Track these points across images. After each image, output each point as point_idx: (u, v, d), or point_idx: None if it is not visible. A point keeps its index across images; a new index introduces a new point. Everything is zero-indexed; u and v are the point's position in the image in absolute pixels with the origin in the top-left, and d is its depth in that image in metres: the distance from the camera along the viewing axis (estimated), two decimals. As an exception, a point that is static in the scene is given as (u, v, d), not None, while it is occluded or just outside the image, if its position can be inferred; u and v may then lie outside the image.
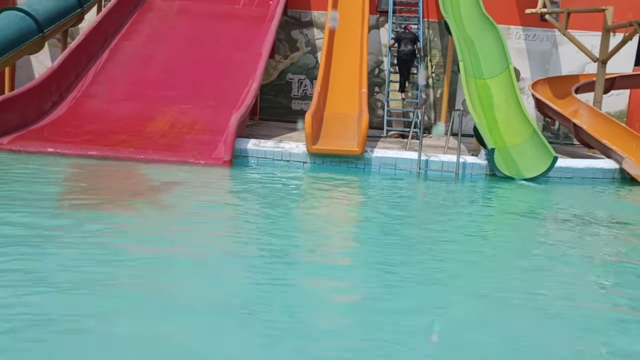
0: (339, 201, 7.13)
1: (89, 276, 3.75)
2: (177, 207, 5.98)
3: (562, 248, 5.46)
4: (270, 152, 9.08)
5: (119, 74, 10.72)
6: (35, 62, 14.04)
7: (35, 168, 7.46)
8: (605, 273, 4.88)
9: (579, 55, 12.79)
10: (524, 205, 7.78)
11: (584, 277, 4.64)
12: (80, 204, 5.79)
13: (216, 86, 10.60)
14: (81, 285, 3.60)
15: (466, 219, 6.52)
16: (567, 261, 5.05)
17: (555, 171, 9.07)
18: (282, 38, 14.34)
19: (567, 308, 3.87)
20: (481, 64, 11.34)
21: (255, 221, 5.71)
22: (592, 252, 5.44)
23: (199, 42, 11.74)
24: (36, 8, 11.09)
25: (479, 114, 10.10)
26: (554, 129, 13.77)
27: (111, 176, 7.50)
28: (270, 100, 14.44)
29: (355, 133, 9.47)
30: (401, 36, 12.76)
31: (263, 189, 7.51)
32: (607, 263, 5.18)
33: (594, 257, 5.25)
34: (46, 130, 8.99)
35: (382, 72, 14.32)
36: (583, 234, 6.07)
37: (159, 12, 12.54)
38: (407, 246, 5.12)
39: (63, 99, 9.86)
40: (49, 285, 3.55)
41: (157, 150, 8.62)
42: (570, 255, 5.25)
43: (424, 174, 8.94)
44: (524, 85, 13.54)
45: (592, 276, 4.70)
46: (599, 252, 5.49)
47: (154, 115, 9.76)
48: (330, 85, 11.25)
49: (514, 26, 14.13)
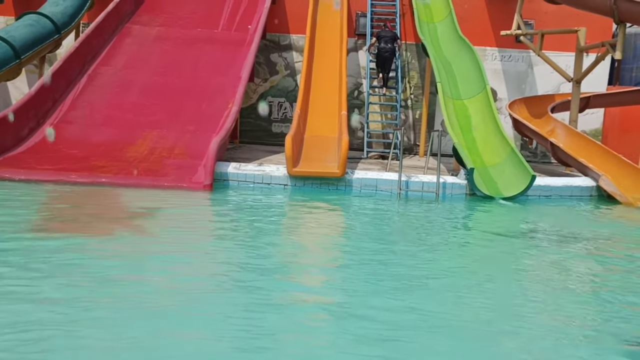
0: (319, 225, 7.12)
1: (62, 314, 3.67)
2: (156, 233, 5.92)
3: (542, 268, 5.49)
4: (250, 175, 9.05)
5: (97, 99, 10.66)
6: (12, 88, 13.91)
7: (12, 195, 7.34)
8: (585, 291, 4.91)
9: (554, 75, 13.03)
10: (504, 225, 7.83)
11: (567, 299, 4.66)
12: (57, 230, 5.70)
13: (196, 110, 10.59)
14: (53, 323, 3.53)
15: (446, 241, 6.54)
16: (547, 281, 5.07)
17: (534, 189, 9.16)
18: (261, 61, 14.40)
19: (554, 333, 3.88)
20: (458, 85, 11.49)
21: (233, 247, 5.66)
22: (573, 271, 5.48)
23: (178, 66, 11.74)
24: (13, 35, 11.02)
25: (457, 135, 10.20)
26: (531, 148, 13.95)
27: (90, 202, 7.41)
28: (251, 123, 14.44)
29: (336, 155, 9.49)
30: (381, 34, 12.87)
31: (243, 213, 7.47)
32: (587, 281, 5.22)
33: (574, 276, 5.29)
34: (23, 157, 8.87)
35: (362, 94, 14.43)
36: (564, 252, 6.12)
37: (138, 37, 12.54)
38: (386, 271, 5.11)
39: (40, 125, 9.75)
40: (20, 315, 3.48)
41: (136, 176, 8.54)
42: (551, 276, 5.28)
43: (404, 195, 8.97)
44: (501, 105, 13.73)
45: (573, 296, 4.73)
46: (578, 269, 5.53)
47: (133, 140, 9.70)
48: (310, 108, 11.30)
49: (490, 47, 14.37)
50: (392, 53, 12.72)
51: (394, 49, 12.73)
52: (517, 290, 4.74)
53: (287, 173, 9.00)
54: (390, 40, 12.69)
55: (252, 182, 8.99)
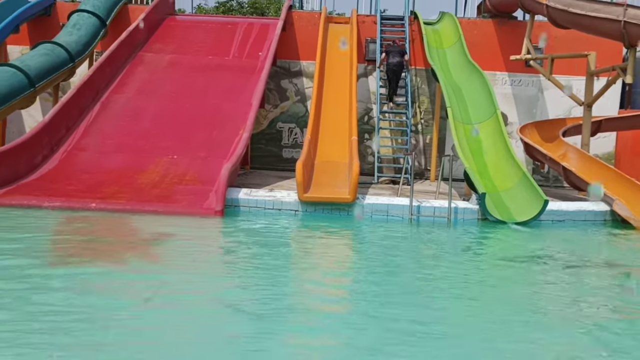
0: (331, 252, 7.07)
1: (75, 339, 3.66)
2: (167, 261, 5.92)
3: (555, 294, 5.41)
4: (261, 201, 9.05)
5: (110, 127, 10.77)
6: (26, 116, 14.08)
7: (26, 222, 7.38)
8: (600, 318, 4.82)
9: (564, 99, 13.00)
10: (517, 250, 7.75)
11: (581, 326, 4.58)
12: (70, 258, 5.71)
13: (207, 136, 10.67)
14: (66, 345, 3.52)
15: (460, 266, 6.47)
16: (561, 307, 4.99)
17: (547, 214, 9.08)
18: (271, 88, 14.52)
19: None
20: (469, 110, 11.51)
21: (245, 275, 5.61)
22: (587, 297, 5.39)
23: (190, 93, 11.87)
24: (28, 64, 11.20)
25: (468, 159, 10.18)
26: (543, 172, 13.87)
27: (103, 229, 7.44)
28: (261, 149, 14.50)
29: (347, 180, 9.49)
30: (390, 49, 13.24)
31: (254, 240, 7.45)
32: (602, 307, 5.13)
33: (588, 302, 5.21)
34: (37, 184, 8.95)
35: (372, 119, 14.47)
36: (578, 278, 6.04)
37: (150, 65, 12.71)
38: (401, 299, 5.06)
39: (54, 153, 9.86)
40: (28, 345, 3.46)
41: (148, 202, 8.57)
42: (565, 302, 5.20)
43: (416, 220, 8.92)
44: (512, 130, 13.70)
45: (588, 323, 4.65)
46: (593, 297, 5.44)
47: (145, 166, 9.76)
48: (320, 134, 11.34)
49: (500, 72, 14.40)
50: (401, 67, 13.11)
51: (402, 63, 13.10)
52: (530, 317, 4.67)
53: (298, 199, 8.99)
54: (398, 55, 13.08)
55: (263, 208, 8.99)
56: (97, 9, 13.62)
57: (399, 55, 13.08)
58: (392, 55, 13.08)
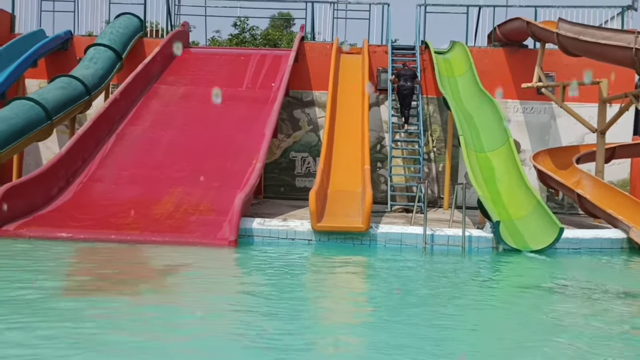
0: (345, 283, 7.03)
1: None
2: (182, 292, 5.92)
3: (575, 323, 5.33)
4: (275, 230, 9.06)
5: (125, 158, 10.90)
6: (43, 148, 14.30)
7: (41, 253, 7.45)
8: (622, 349, 4.74)
9: (577, 126, 12.98)
10: (533, 279, 7.67)
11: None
12: (84, 289, 5.74)
13: (220, 167, 10.74)
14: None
15: (476, 296, 6.41)
16: (580, 338, 4.92)
17: (562, 242, 8.99)
18: (284, 118, 14.64)
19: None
20: (481, 138, 11.52)
21: (260, 306, 5.58)
22: (608, 327, 5.31)
23: (203, 124, 12.01)
24: (45, 97, 11.42)
25: (481, 187, 10.15)
26: (558, 200, 13.78)
27: (117, 260, 7.47)
28: (274, 178, 14.58)
29: (360, 209, 9.48)
30: (401, 73, 13.44)
31: (269, 270, 7.43)
32: (622, 338, 5.04)
33: (609, 332, 5.13)
34: (52, 216, 9.04)
35: (384, 147, 14.52)
36: (597, 308, 5.95)
37: (164, 96, 12.90)
38: (417, 330, 5.02)
39: (70, 184, 9.97)
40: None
41: (163, 232, 8.62)
42: (582, 333, 5.12)
43: (430, 249, 8.87)
44: (525, 157, 13.67)
45: (610, 354, 4.57)
46: (610, 327, 5.35)
47: (159, 197, 9.83)
48: (333, 163, 11.39)
49: (511, 100, 14.44)
50: (412, 90, 13.32)
51: (413, 87, 13.32)
52: (548, 347, 4.60)
53: (311, 228, 8.99)
54: (409, 79, 13.28)
55: (277, 237, 8.99)
56: (113, 43, 13.90)
57: (410, 79, 13.31)
58: (404, 79, 13.31)
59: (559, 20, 11.73)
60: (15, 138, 10.39)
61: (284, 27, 30.35)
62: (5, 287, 5.68)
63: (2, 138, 10.10)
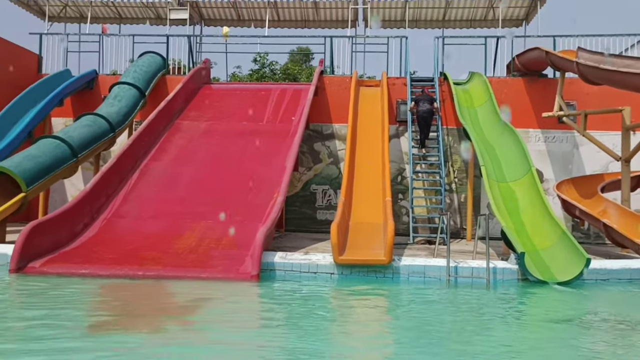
0: (370, 317, 6.95)
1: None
2: (205, 328, 5.91)
3: (606, 358, 5.19)
4: (297, 264, 9.03)
5: (148, 193, 11.04)
6: (68, 185, 14.56)
7: (66, 290, 7.51)
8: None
9: (601, 155, 12.85)
10: (562, 312, 7.50)
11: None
12: (108, 326, 5.76)
13: (242, 200, 10.81)
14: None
15: (503, 330, 6.29)
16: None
17: (590, 273, 8.81)
18: (305, 151, 14.75)
19: None
20: (503, 168, 11.45)
21: (285, 342, 5.55)
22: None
23: (225, 158, 12.14)
24: (71, 135, 11.68)
25: (505, 218, 10.05)
26: (583, 229, 13.56)
27: (141, 295, 7.50)
28: (296, 211, 14.61)
29: (382, 242, 9.43)
30: (419, 97, 13.77)
31: (292, 305, 7.39)
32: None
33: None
34: (77, 252, 9.13)
35: (405, 179, 14.50)
36: (629, 341, 5.79)
37: (187, 132, 13.10)
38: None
39: (94, 220, 10.10)
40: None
41: (185, 267, 8.65)
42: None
43: (453, 282, 8.75)
44: (548, 187, 13.53)
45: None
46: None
47: (182, 231, 9.90)
48: (354, 195, 11.39)
49: (533, 129, 14.38)
50: (431, 114, 13.59)
51: (432, 111, 13.58)
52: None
53: (333, 261, 8.95)
54: (427, 102, 13.60)
55: (299, 271, 8.95)
56: (136, 81, 14.22)
57: (429, 103, 13.60)
58: (422, 102, 13.61)
59: (578, 49, 11.73)
60: (42, 176, 10.60)
61: (303, 62, 30.79)
62: (29, 324, 5.72)
63: (30, 176, 10.31)
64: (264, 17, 18.23)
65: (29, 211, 12.68)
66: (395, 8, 17.42)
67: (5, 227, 10.15)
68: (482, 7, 17.23)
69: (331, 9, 17.97)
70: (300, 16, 18.53)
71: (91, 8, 17.53)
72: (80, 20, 18.34)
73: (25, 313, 6.34)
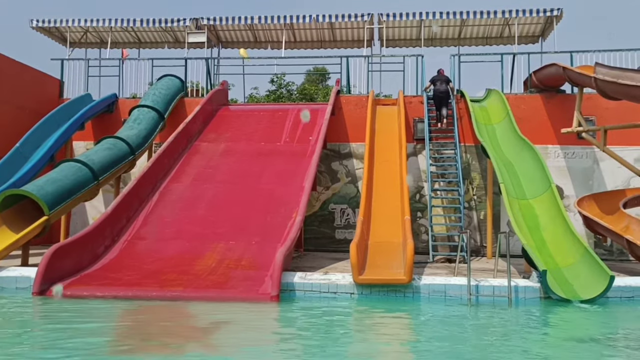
0: (392, 338, 6.89)
1: None
2: (226, 349, 5.90)
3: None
4: (317, 284, 9.00)
5: (168, 215, 11.12)
6: (89, 207, 14.72)
7: (87, 313, 7.56)
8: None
9: (622, 170, 12.72)
10: (587, 331, 7.37)
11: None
12: (129, 348, 5.78)
13: (261, 221, 10.85)
14: None
15: (528, 350, 6.20)
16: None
17: (614, 291, 8.68)
18: (322, 170, 14.78)
19: None
20: (522, 185, 11.36)
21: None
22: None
23: (243, 179, 12.22)
24: (92, 158, 11.83)
25: (525, 235, 9.95)
26: (606, 246, 13.37)
27: (161, 317, 7.52)
28: (314, 230, 14.61)
29: (401, 261, 9.38)
30: (435, 78, 14.59)
31: (312, 326, 7.35)
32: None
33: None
34: (98, 275, 9.21)
35: (424, 197, 14.44)
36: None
37: (205, 153, 13.22)
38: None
39: (115, 243, 10.20)
40: None
41: (205, 288, 8.67)
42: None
43: (475, 300, 8.66)
44: (569, 203, 13.40)
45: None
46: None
47: (201, 253, 9.95)
48: (372, 214, 11.35)
49: (552, 145, 14.28)
50: (447, 93, 14.40)
51: (448, 90, 14.41)
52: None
53: (353, 281, 8.91)
54: (444, 82, 14.43)
55: (319, 291, 8.92)
56: (155, 104, 14.42)
57: (445, 83, 14.46)
58: (439, 82, 14.45)
59: (595, 64, 11.66)
60: (63, 199, 10.73)
61: (319, 81, 30.97)
62: (52, 344, 5.77)
63: (52, 199, 10.45)
64: (280, 39, 18.43)
65: (51, 234, 12.84)
66: (410, 27, 17.51)
67: (29, 250, 10.27)
68: (497, 25, 17.25)
69: (347, 29, 18.12)
70: (316, 37, 18.71)
71: (111, 33, 17.88)
72: (100, 46, 18.71)
73: (48, 335, 6.39)
